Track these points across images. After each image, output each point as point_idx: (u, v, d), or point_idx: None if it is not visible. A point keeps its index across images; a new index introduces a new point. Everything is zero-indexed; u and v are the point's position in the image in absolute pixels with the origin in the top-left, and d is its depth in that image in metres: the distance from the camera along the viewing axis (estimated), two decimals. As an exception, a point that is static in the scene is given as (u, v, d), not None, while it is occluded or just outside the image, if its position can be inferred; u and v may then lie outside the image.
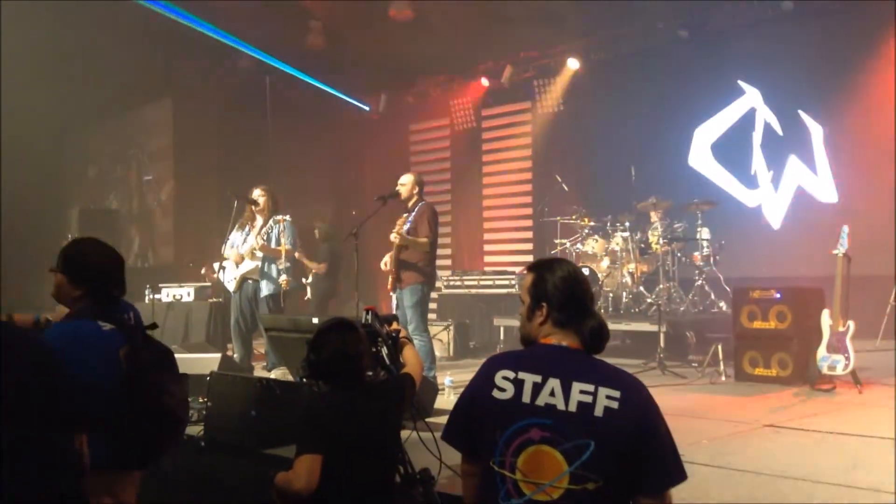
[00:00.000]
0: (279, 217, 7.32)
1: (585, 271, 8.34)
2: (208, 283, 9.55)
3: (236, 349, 7.49)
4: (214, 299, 9.14)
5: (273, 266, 7.31)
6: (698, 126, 10.46)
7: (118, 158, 15.29)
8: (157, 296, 9.43)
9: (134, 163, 14.97)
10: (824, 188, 9.48)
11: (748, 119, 10.08)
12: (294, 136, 13.14)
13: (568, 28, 11.02)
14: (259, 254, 7.31)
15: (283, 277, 7.26)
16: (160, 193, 14.33)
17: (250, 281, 7.41)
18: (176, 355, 7.07)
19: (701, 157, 10.45)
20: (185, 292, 9.34)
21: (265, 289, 7.29)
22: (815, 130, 9.54)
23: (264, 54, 12.43)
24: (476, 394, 2.23)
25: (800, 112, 9.61)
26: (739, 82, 10.06)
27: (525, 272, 2.39)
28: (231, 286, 7.48)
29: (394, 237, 6.47)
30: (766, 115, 9.94)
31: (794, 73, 9.59)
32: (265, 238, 7.29)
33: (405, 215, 6.65)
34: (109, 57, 11.71)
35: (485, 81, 12.85)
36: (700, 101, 10.40)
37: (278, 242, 7.21)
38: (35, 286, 11.63)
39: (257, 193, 7.50)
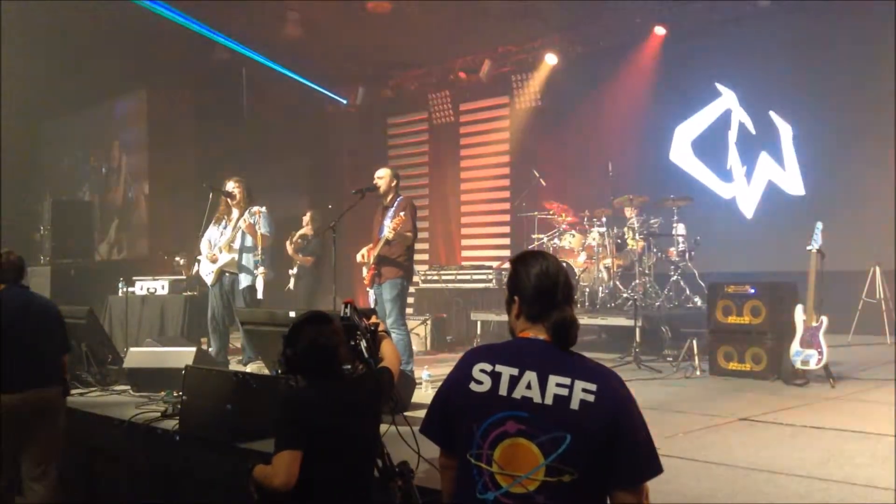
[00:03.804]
0: (255, 209, 7.27)
1: (562, 266, 8.36)
2: (183, 277, 9.46)
3: (213, 342, 7.43)
4: (189, 293, 9.07)
5: (250, 258, 7.26)
6: (675, 122, 10.55)
7: (92, 150, 15.12)
8: (131, 289, 9.34)
9: (108, 154, 14.81)
10: (793, 182, 9.69)
11: (724, 119, 10.22)
12: (270, 128, 13.06)
13: (546, 23, 11.03)
14: (235, 245, 7.27)
15: (261, 269, 7.22)
16: (134, 185, 14.18)
17: (228, 274, 7.36)
18: (151, 349, 7.03)
19: (681, 153, 10.56)
20: (159, 285, 9.25)
21: (243, 281, 7.25)
22: (785, 129, 9.73)
23: (241, 46, 12.31)
24: (453, 386, 2.22)
25: (771, 113, 9.77)
26: (717, 85, 10.17)
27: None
28: (209, 279, 7.43)
29: (389, 233, 6.40)
30: (740, 116, 10.10)
31: (767, 72, 9.71)
32: (241, 231, 7.25)
33: (400, 213, 6.49)
34: (84, 47, 11.57)
35: (463, 76, 12.83)
36: (677, 97, 10.47)
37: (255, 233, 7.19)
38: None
39: (231, 186, 7.44)
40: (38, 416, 4.37)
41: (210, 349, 7.34)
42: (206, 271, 7.46)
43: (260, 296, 7.24)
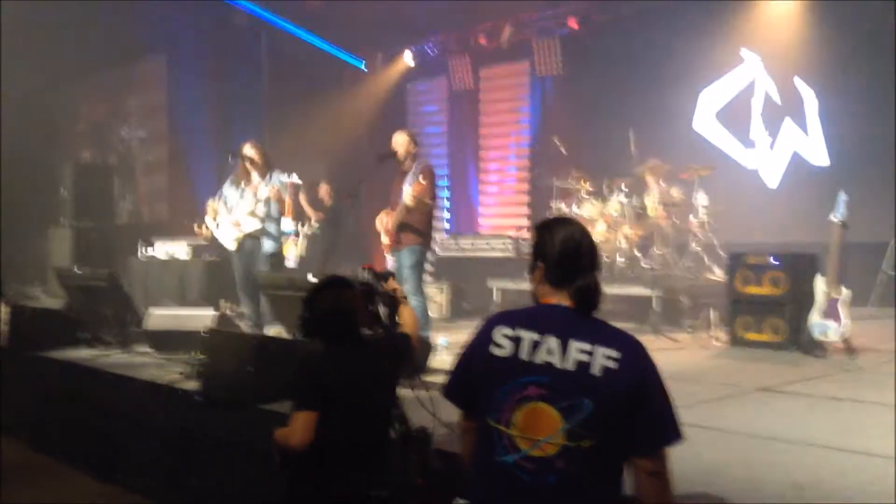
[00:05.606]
0: (285, 179, 7.35)
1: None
2: (204, 241, 9.51)
3: (246, 307, 7.43)
4: (209, 257, 9.11)
5: (272, 224, 7.31)
6: (698, 90, 10.42)
7: (112, 114, 15.15)
8: (150, 250, 9.41)
9: (128, 118, 14.84)
10: (817, 152, 9.58)
11: (749, 86, 10.09)
12: (289, 93, 13.01)
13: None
14: (260, 213, 7.28)
15: (299, 237, 7.28)
16: (154, 150, 14.22)
17: (249, 239, 7.36)
18: (172, 311, 7.12)
19: (705, 120, 10.45)
20: (179, 248, 9.30)
21: (266, 247, 7.26)
22: (810, 96, 9.57)
23: (260, 10, 12.24)
24: (475, 351, 2.23)
25: (796, 77, 9.63)
26: (742, 50, 10.02)
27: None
28: (231, 245, 7.40)
29: (408, 199, 6.35)
30: (765, 82, 9.95)
31: (793, 37, 9.55)
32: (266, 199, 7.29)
33: (419, 179, 6.43)
34: (104, 11, 11.54)
35: (483, 41, 12.70)
36: (700, 64, 10.31)
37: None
38: (28, 241, 11.59)
39: (249, 149, 7.41)
40: None
41: (246, 312, 7.39)
42: (227, 237, 7.43)
43: (293, 264, 7.22)
